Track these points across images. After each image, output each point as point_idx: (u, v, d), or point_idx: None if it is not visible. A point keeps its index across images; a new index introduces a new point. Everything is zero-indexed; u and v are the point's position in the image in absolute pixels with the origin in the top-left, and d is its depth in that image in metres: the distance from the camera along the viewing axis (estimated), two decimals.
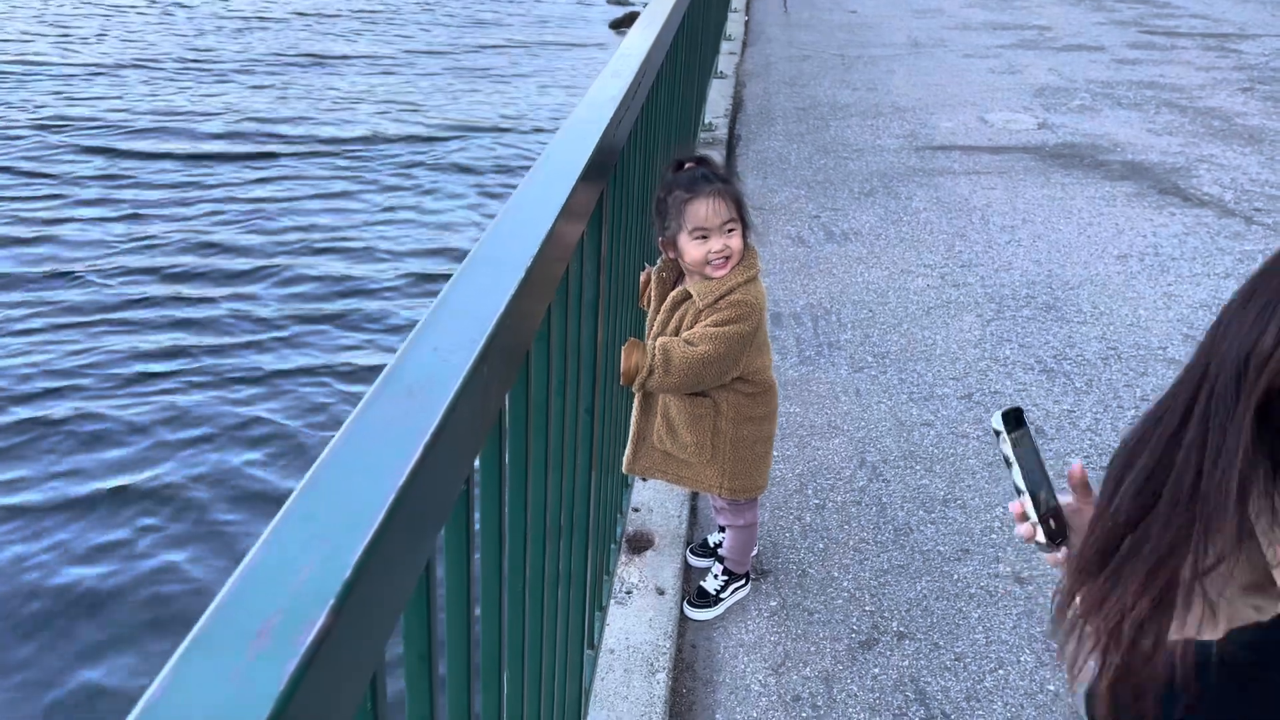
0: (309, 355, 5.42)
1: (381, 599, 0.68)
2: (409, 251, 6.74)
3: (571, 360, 1.60)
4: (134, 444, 4.62)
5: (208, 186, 7.62)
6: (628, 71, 2.01)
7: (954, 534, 2.98)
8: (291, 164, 8.08)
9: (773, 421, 2.53)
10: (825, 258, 4.90)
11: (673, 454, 2.51)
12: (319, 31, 13.12)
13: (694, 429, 2.44)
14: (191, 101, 9.71)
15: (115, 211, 7.06)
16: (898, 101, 7.66)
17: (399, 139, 8.77)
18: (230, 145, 8.50)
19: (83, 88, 10.05)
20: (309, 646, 0.56)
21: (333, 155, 8.34)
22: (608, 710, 2.40)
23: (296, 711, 0.55)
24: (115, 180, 7.64)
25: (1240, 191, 5.73)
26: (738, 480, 2.49)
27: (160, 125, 8.92)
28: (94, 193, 7.37)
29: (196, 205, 7.20)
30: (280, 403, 4.97)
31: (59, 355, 5.28)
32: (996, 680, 2.48)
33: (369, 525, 0.66)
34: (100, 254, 6.39)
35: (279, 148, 8.44)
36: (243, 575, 0.60)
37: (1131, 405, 3.62)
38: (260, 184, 7.67)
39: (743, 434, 2.45)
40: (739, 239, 2.30)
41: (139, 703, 0.51)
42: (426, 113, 9.62)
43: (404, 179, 7.90)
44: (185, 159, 8.13)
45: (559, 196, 1.30)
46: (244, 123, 9.04)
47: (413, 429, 0.77)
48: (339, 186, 7.72)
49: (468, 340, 0.92)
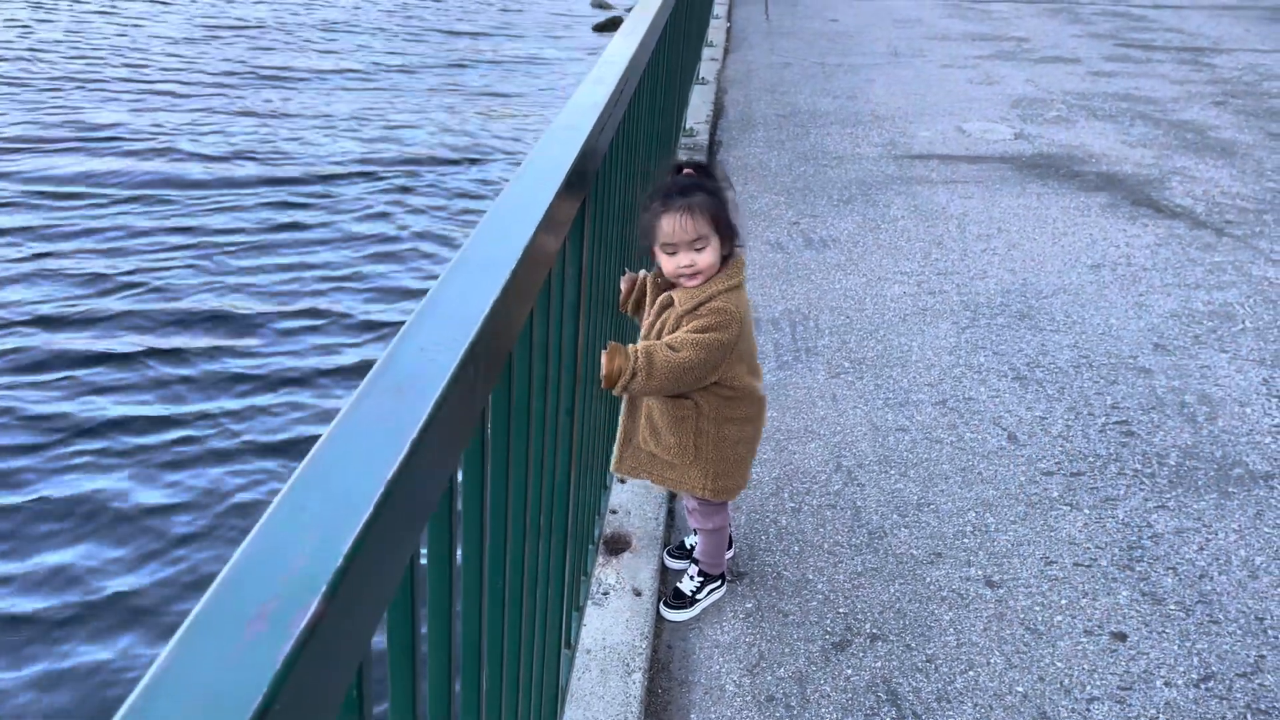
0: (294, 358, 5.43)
1: (370, 589, 0.71)
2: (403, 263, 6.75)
3: (553, 363, 1.63)
4: (121, 443, 4.62)
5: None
6: (611, 78, 2.04)
7: (927, 538, 3.02)
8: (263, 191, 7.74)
9: (756, 425, 2.56)
10: (804, 264, 4.94)
11: (658, 455, 2.54)
12: (294, 44, 12.80)
13: (677, 430, 2.47)
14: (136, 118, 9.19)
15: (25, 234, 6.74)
16: (877, 110, 7.74)
17: (372, 159, 8.49)
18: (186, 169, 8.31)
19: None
20: (303, 631, 0.59)
21: (314, 180, 8.11)
22: (584, 709, 2.42)
23: (290, 692, 0.58)
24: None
25: (1212, 204, 5.83)
26: (720, 481, 2.53)
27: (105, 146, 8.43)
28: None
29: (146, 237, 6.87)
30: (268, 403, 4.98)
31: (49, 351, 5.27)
32: (967, 681, 2.52)
33: (359, 516, 0.69)
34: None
35: (252, 170, 8.21)
36: (239, 561, 0.63)
37: (1102, 412, 3.68)
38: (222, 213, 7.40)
39: (725, 434, 2.48)
40: (709, 255, 2.32)
41: (142, 679, 0.54)
42: (404, 129, 9.45)
43: (378, 201, 7.65)
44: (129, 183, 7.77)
45: (542, 203, 1.33)
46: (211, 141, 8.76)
47: (401, 425, 0.79)
48: (325, 204, 7.59)
49: (453, 340, 0.95)
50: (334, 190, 7.76)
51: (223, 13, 14.07)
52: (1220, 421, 3.65)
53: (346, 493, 0.71)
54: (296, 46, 12.46)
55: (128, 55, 11.57)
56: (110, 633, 3.71)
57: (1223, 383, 3.91)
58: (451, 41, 13.17)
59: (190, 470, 4.46)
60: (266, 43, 12.60)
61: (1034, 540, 3.01)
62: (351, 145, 8.78)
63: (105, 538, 4.10)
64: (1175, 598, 2.80)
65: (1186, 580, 2.87)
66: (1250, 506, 3.19)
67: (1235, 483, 3.31)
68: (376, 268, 6.56)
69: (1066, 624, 2.70)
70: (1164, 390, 3.85)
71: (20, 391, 4.97)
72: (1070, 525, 3.08)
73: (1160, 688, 2.50)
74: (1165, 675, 2.54)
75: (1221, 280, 4.83)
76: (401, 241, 6.96)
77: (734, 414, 2.47)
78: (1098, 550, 2.98)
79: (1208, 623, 2.71)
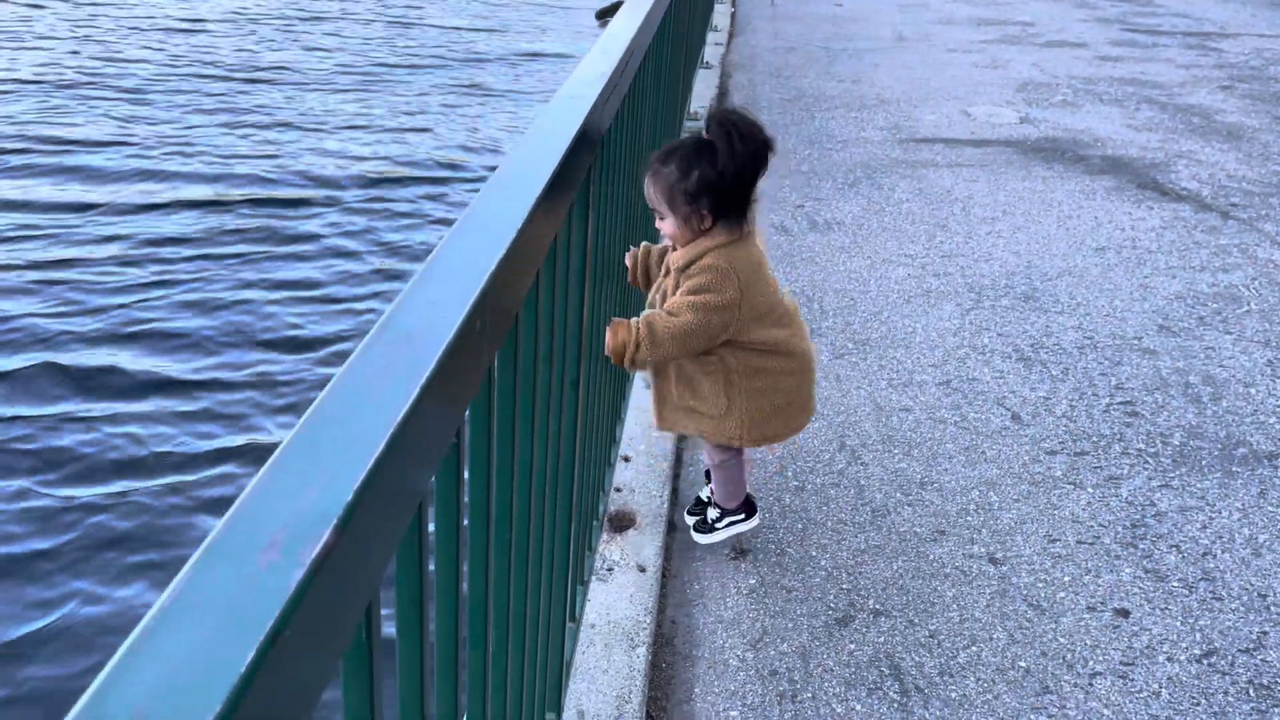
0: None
1: (379, 527, 0.72)
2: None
3: (559, 330, 1.64)
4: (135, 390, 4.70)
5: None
6: (615, 50, 2.04)
7: (930, 515, 3.03)
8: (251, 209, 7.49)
9: (795, 377, 2.52)
10: (808, 246, 4.94)
11: (695, 408, 2.54)
12: (285, 40, 12.46)
13: (708, 383, 2.48)
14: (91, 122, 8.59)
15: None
16: (882, 94, 7.72)
17: (369, 158, 8.39)
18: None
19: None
20: (314, 560, 0.60)
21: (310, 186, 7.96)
22: (588, 682, 2.43)
23: (302, 620, 0.58)
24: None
25: (1217, 187, 5.81)
26: (757, 430, 2.53)
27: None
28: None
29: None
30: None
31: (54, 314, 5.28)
32: (969, 656, 2.53)
33: (369, 455, 0.69)
34: None
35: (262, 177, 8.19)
36: (252, 494, 0.63)
37: (1106, 393, 3.68)
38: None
39: (757, 385, 2.48)
40: (669, 224, 2.38)
41: (156, 602, 0.55)
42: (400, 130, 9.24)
43: (371, 200, 7.52)
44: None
45: (549, 164, 1.34)
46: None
47: (410, 371, 0.80)
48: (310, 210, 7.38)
49: (461, 295, 0.95)
50: (330, 191, 7.69)
51: (215, 7, 13.79)
52: (1224, 402, 3.65)
53: (356, 432, 0.71)
54: (295, 43, 12.22)
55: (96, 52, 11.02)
56: (122, 574, 3.82)
57: (1227, 364, 3.91)
58: (451, 38, 13.00)
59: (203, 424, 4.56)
60: (263, 38, 12.44)
61: (1037, 518, 3.02)
62: (349, 144, 8.70)
63: (115, 479, 4.20)
64: (1178, 575, 2.81)
65: (1190, 558, 2.87)
66: (1254, 485, 3.19)
67: (1239, 462, 3.31)
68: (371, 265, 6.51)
69: (1069, 600, 2.71)
70: (1168, 371, 3.85)
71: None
72: (1074, 504, 3.09)
73: (1163, 663, 2.51)
74: (1168, 651, 2.55)
75: (1227, 263, 4.82)
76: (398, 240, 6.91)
77: (765, 365, 2.46)
78: (1101, 528, 2.98)
79: (1210, 599, 2.72)
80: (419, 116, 9.43)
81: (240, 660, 0.52)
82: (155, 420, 4.66)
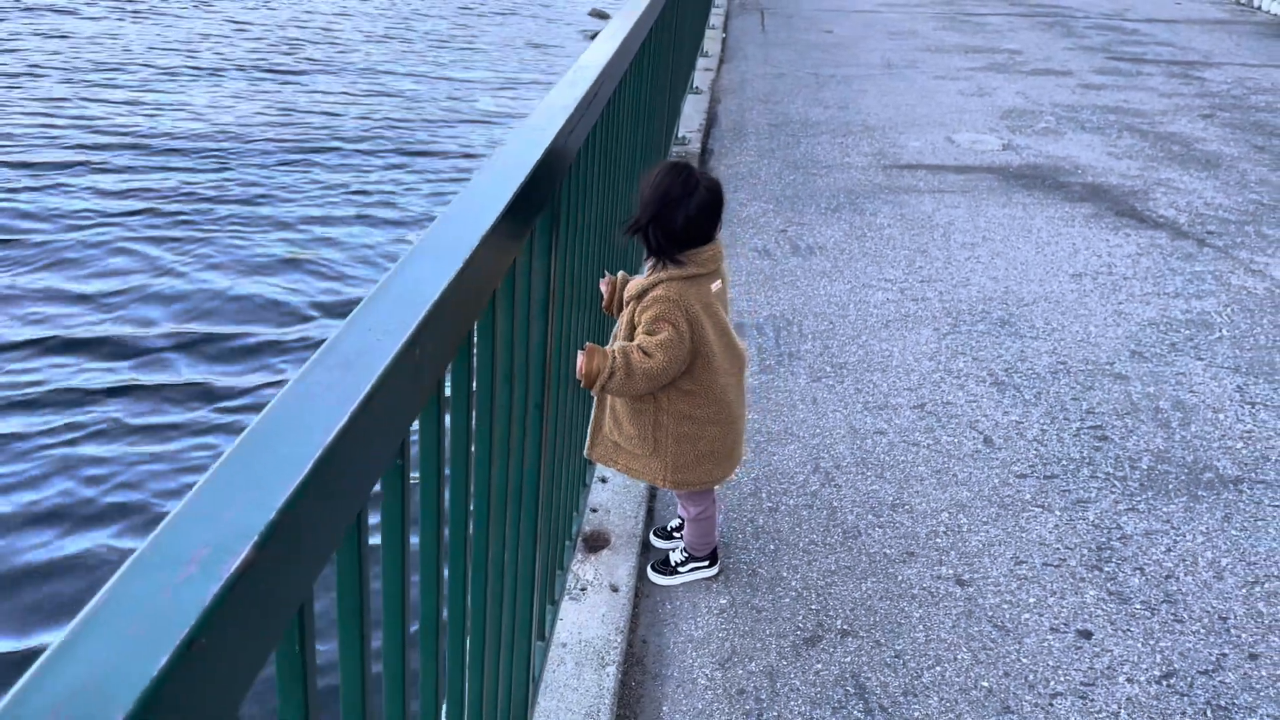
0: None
1: (309, 541, 0.76)
2: None
3: (519, 352, 1.68)
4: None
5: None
6: (584, 81, 2.10)
7: (900, 537, 3.07)
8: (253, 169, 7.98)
9: (720, 426, 2.59)
10: (790, 270, 5.00)
11: (621, 445, 2.61)
12: (287, 38, 12.93)
13: (636, 422, 2.54)
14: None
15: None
16: (868, 120, 7.80)
17: (368, 150, 8.72)
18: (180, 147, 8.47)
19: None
20: (232, 575, 0.64)
21: (309, 163, 8.34)
22: (557, 700, 2.47)
23: (218, 630, 0.62)
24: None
25: (1194, 215, 5.89)
26: (680, 474, 2.59)
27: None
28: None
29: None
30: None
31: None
32: (934, 676, 2.56)
33: (297, 474, 0.73)
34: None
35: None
36: (180, 512, 0.67)
37: (1077, 417, 3.74)
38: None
39: (684, 430, 2.54)
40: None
41: (79, 614, 0.59)
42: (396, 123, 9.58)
43: (368, 184, 7.86)
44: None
45: (506, 192, 1.38)
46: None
47: (344, 395, 0.84)
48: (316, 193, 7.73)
49: (403, 321, 1.00)
50: (324, 177, 7.86)
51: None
52: (1193, 427, 3.70)
53: (287, 453, 0.76)
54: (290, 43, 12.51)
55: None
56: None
57: (1197, 389, 3.97)
58: (441, 49, 13.20)
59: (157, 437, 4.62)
60: (258, 34, 12.68)
61: (1005, 540, 3.06)
62: (343, 146, 8.89)
63: (72, 493, 4.27)
64: (1141, 597, 2.85)
65: (1153, 580, 2.92)
66: (1219, 510, 3.24)
67: (1205, 486, 3.36)
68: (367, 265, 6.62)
69: (1034, 621, 2.75)
70: (1139, 396, 3.90)
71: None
72: (1041, 526, 3.13)
73: (1123, 684, 2.55)
74: (1128, 672, 2.59)
75: (1201, 289, 4.88)
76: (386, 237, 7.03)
77: (693, 412, 2.52)
78: (1067, 551, 3.03)
79: (1172, 621, 2.76)
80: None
81: (153, 665, 0.56)
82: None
